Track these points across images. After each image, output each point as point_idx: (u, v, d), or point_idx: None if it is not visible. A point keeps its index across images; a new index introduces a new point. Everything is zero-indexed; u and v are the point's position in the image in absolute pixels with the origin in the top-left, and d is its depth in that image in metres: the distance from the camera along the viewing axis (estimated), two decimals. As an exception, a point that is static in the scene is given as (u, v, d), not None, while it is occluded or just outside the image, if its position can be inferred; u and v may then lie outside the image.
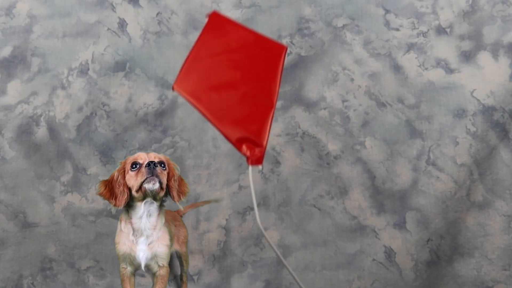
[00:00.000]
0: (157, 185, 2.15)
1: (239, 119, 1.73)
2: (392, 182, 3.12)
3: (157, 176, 2.14)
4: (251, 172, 1.72)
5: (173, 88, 1.72)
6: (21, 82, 3.26)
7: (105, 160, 3.18)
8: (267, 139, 1.73)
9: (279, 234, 3.09)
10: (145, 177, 2.13)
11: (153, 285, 2.32)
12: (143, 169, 2.14)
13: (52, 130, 3.22)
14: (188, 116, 3.25)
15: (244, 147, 1.72)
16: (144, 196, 2.18)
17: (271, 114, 1.75)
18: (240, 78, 1.78)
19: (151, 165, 2.13)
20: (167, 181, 2.20)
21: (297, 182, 3.15)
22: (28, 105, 3.23)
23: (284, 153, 3.19)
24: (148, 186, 2.14)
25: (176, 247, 2.53)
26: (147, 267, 2.29)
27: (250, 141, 1.72)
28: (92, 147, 3.20)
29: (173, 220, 2.49)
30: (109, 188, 2.20)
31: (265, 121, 1.74)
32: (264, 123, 1.74)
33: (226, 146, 3.21)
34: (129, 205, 2.22)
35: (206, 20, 1.81)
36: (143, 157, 2.18)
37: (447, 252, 2.98)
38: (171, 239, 2.35)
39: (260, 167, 1.73)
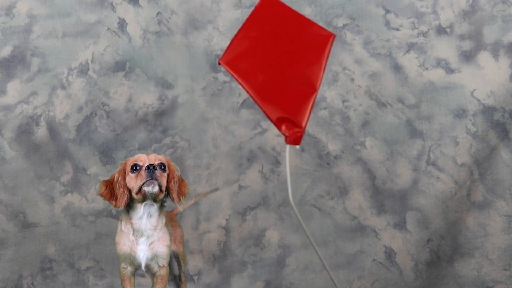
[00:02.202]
0: (156, 188, 2.15)
1: (281, 99, 1.78)
2: (392, 182, 3.11)
3: (156, 180, 2.14)
4: (288, 151, 1.75)
5: (219, 63, 1.75)
6: (21, 82, 3.26)
7: (105, 160, 3.18)
8: (307, 121, 1.77)
9: (279, 234, 3.08)
10: (144, 180, 2.13)
11: (153, 285, 2.32)
12: (143, 172, 2.14)
13: (52, 130, 3.21)
14: (188, 116, 3.25)
15: (283, 127, 1.76)
16: (144, 198, 2.18)
17: (313, 98, 1.79)
18: (285, 60, 1.82)
19: (150, 168, 2.13)
20: (167, 183, 2.21)
21: (297, 182, 3.15)
22: (28, 105, 3.23)
23: (284, 153, 3.19)
24: (147, 189, 2.14)
25: (173, 247, 2.53)
26: (147, 267, 2.29)
27: (290, 122, 1.76)
28: (92, 147, 3.20)
29: (170, 220, 2.49)
30: (110, 189, 2.21)
31: (307, 103, 1.78)
32: (305, 105, 1.78)
33: (226, 146, 3.21)
34: (129, 206, 2.23)
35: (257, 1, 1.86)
36: (143, 159, 2.18)
37: (447, 252, 2.98)
38: (171, 240, 2.36)
39: (297, 147, 1.78)
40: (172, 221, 2.56)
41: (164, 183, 2.18)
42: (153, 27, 3.33)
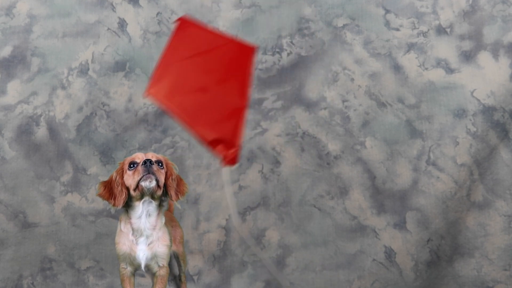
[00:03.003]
0: (153, 183, 2.15)
1: (213, 121, 1.77)
2: (392, 182, 3.11)
3: (153, 174, 2.14)
4: (226, 173, 1.76)
5: (145, 96, 1.75)
6: (21, 82, 3.26)
7: (105, 160, 3.18)
8: (241, 139, 1.76)
9: (279, 234, 3.08)
10: (141, 175, 2.14)
11: (153, 285, 2.32)
12: (140, 168, 2.14)
13: (52, 130, 3.21)
14: (188, 116, 3.24)
15: (218, 149, 1.75)
16: (142, 195, 2.18)
17: (244, 115, 1.78)
18: (211, 80, 1.81)
19: (147, 163, 2.14)
20: (165, 180, 2.21)
21: (297, 182, 3.15)
22: (28, 105, 3.23)
23: (284, 153, 3.19)
24: (144, 184, 2.14)
25: (173, 247, 2.53)
26: (147, 267, 2.29)
27: (224, 142, 1.75)
28: (92, 147, 3.20)
29: (169, 220, 2.49)
30: (108, 189, 2.21)
31: (238, 122, 1.77)
32: (237, 124, 1.77)
33: (226, 146, 3.20)
34: (128, 205, 2.23)
35: (174, 26, 1.85)
36: (140, 157, 2.19)
37: (447, 252, 2.98)
38: (171, 240, 2.35)
39: (234, 167, 1.78)
40: (172, 221, 2.56)
41: (161, 179, 2.17)
42: (153, 27, 3.33)
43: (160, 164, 2.19)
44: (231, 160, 1.75)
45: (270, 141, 3.20)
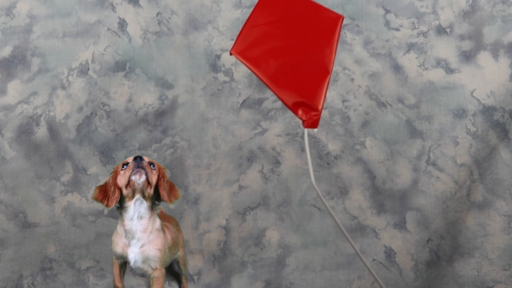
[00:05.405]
0: (143, 177, 2.19)
1: (296, 84, 1.79)
2: (392, 182, 3.11)
3: (143, 169, 2.18)
4: (307, 135, 1.76)
5: (230, 53, 1.77)
6: (21, 82, 3.26)
7: (105, 160, 3.18)
8: (323, 104, 1.79)
9: (279, 234, 3.09)
10: (132, 170, 2.18)
11: (150, 287, 2.35)
12: (131, 163, 2.21)
13: (52, 130, 3.22)
14: (188, 116, 3.25)
15: (300, 111, 1.78)
16: (133, 192, 2.21)
17: (327, 80, 1.81)
18: (296, 45, 1.84)
19: (137, 158, 2.19)
20: (157, 180, 2.25)
21: (297, 182, 3.15)
22: (28, 105, 3.24)
23: (284, 153, 3.19)
24: (135, 177, 2.19)
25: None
26: (141, 270, 2.33)
27: (306, 106, 1.78)
28: (92, 147, 3.20)
29: (175, 225, 2.54)
30: (103, 192, 2.27)
31: (321, 86, 1.80)
32: (320, 89, 1.80)
33: (226, 146, 3.21)
34: (122, 207, 2.27)
35: None
36: (132, 158, 2.26)
37: (447, 252, 2.98)
38: (176, 245, 2.40)
39: (315, 130, 1.80)
40: (177, 225, 2.61)
41: (152, 177, 2.22)
42: (153, 27, 3.33)
43: (152, 165, 2.25)
44: (312, 124, 1.78)
45: (270, 141, 3.20)
